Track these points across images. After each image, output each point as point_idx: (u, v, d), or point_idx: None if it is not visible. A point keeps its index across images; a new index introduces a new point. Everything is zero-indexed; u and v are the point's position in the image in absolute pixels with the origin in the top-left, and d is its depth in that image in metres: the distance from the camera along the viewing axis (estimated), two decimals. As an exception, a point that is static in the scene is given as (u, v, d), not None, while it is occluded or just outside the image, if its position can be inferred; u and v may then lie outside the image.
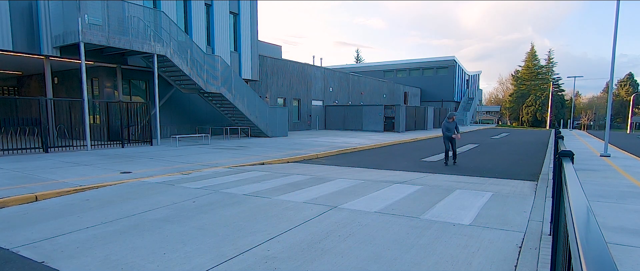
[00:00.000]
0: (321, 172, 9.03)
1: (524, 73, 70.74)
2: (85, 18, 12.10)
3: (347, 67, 58.18)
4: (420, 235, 4.23)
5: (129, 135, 14.15)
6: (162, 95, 16.52)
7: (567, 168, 2.13)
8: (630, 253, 3.69)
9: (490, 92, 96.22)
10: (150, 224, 4.65)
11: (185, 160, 10.35)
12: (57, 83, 16.99)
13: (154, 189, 6.62)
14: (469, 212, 5.19)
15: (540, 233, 4.26)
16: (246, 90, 18.12)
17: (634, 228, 4.48)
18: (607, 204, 5.69)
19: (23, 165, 8.92)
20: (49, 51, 12.86)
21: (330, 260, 3.54)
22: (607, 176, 8.56)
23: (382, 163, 11.06)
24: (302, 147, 14.91)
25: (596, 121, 77.04)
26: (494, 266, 3.39)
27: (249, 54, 21.39)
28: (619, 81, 74.56)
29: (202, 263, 3.44)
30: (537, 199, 6.06)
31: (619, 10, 12.45)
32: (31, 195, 5.88)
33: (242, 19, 20.65)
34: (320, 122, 30.32)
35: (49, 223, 4.68)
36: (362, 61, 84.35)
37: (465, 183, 7.62)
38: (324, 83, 30.61)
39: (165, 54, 14.13)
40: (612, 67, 12.95)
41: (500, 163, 11.60)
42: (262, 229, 4.44)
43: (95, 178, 7.43)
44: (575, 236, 0.91)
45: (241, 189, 6.65)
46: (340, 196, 6.20)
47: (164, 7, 16.02)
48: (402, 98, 46.07)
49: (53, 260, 3.54)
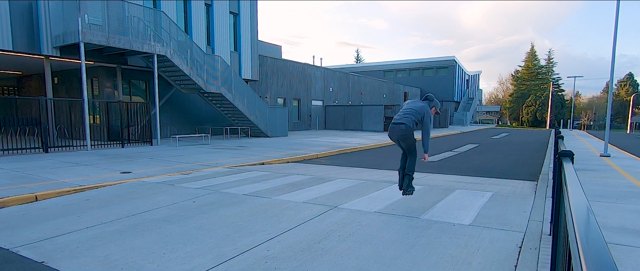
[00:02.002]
0: (321, 172, 9.03)
1: (524, 73, 70.76)
2: (85, 18, 12.10)
3: (347, 67, 58.17)
4: (420, 235, 4.23)
5: (129, 135, 14.15)
6: (162, 95, 16.52)
7: (567, 168, 2.13)
8: (630, 253, 3.69)
9: (490, 92, 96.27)
10: (150, 224, 4.65)
11: (185, 160, 10.34)
12: (57, 83, 16.99)
13: (154, 189, 6.62)
14: (469, 212, 5.19)
15: (540, 233, 4.26)
16: (246, 90, 18.12)
17: (634, 228, 4.48)
18: (607, 204, 5.69)
19: (23, 165, 8.92)
20: (49, 50, 12.86)
21: (330, 260, 3.54)
22: (607, 176, 8.55)
23: (382, 163, 11.06)
24: (302, 147, 14.91)
25: (596, 121, 77.02)
26: (494, 266, 3.39)
27: (249, 54, 21.39)
28: (619, 81, 74.58)
29: (202, 263, 3.44)
30: (537, 199, 6.06)
31: (619, 10, 12.45)
32: (31, 195, 5.88)
33: (242, 19, 20.65)
34: (320, 122, 30.31)
35: (49, 223, 4.68)
36: (362, 61, 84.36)
37: (465, 183, 7.62)
38: (324, 83, 30.61)
39: (165, 54, 14.13)
40: (612, 67, 12.95)
41: (500, 163, 11.60)
42: (262, 229, 4.44)
43: (95, 178, 7.43)
44: (575, 236, 0.91)
45: (241, 189, 6.65)
46: (340, 196, 6.20)
47: (164, 7, 16.02)
48: (402, 98, 46.08)
49: (53, 260, 3.54)
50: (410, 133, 5.07)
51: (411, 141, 5.12)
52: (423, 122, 5.12)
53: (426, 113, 5.06)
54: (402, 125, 5.05)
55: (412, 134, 5.11)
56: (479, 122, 65.85)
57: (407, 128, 5.03)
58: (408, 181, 5.23)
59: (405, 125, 5.03)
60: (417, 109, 5.11)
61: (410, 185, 5.24)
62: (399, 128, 5.08)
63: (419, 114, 5.08)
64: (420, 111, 5.09)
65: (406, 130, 5.03)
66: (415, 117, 5.09)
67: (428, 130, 5.13)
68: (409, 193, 5.23)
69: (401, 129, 5.06)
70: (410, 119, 5.07)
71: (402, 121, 5.07)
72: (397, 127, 5.10)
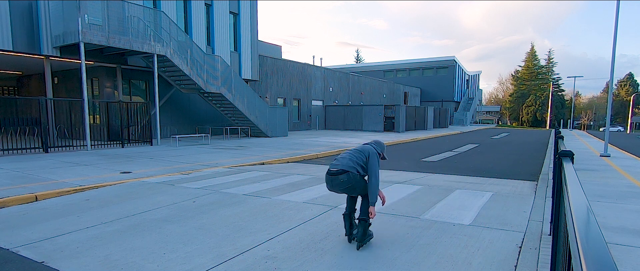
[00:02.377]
0: (321, 172, 9.03)
1: (524, 73, 70.78)
2: (85, 18, 12.10)
3: (347, 67, 58.18)
4: (420, 235, 4.23)
5: (129, 135, 14.15)
6: (162, 95, 16.52)
7: (567, 167, 2.13)
8: (630, 253, 3.69)
9: (490, 92, 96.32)
10: (150, 224, 4.65)
11: (185, 160, 10.34)
12: (57, 83, 16.99)
13: (154, 189, 6.62)
14: (469, 212, 5.19)
15: (540, 233, 4.26)
16: (246, 90, 18.12)
17: (634, 228, 4.48)
18: (607, 204, 5.69)
19: (23, 165, 8.92)
20: (49, 50, 12.86)
21: (330, 260, 3.54)
22: (607, 176, 8.55)
23: (382, 163, 11.03)
24: (302, 147, 14.91)
25: (596, 121, 77.03)
26: (494, 266, 3.39)
27: (249, 54, 21.39)
28: (619, 81, 74.61)
29: (202, 263, 3.44)
30: (537, 199, 6.06)
31: (619, 10, 12.45)
32: (31, 195, 5.88)
33: (242, 19, 20.65)
34: (320, 122, 30.32)
35: (49, 223, 4.68)
36: (362, 61, 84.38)
37: (465, 183, 7.62)
38: (324, 83, 30.61)
39: (165, 54, 14.13)
40: (612, 67, 12.95)
41: (500, 163, 11.60)
42: (262, 229, 4.44)
43: (95, 178, 7.43)
44: (575, 236, 0.91)
45: (241, 189, 6.65)
46: (340, 196, 6.19)
47: (164, 7, 16.02)
48: (402, 98, 46.08)
49: (53, 260, 3.54)
50: (357, 179, 3.78)
51: (361, 186, 3.84)
52: (369, 164, 3.84)
53: (371, 154, 3.89)
54: (343, 175, 3.72)
55: (360, 179, 3.82)
56: (479, 122, 65.84)
57: (350, 177, 3.73)
58: (363, 228, 3.80)
59: (348, 174, 3.72)
60: (361, 150, 3.99)
61: (366, 234, 3.83)
62: (339, 180, 3.75)
63: (363, 155, 3.90)
64: (365, 151, 3.94)
65: (350, 178, 3.73)
66: (359, 159, 3.85)
67: (376, 174, 3.81)
68: (364, 244, 3.84)
69: (342, 180, 3.74)
70: (353, 161, 3.83)
71: (342, 168, 3.76)
72: (336, 178, 3.76)
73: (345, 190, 3.83)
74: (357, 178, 3.78)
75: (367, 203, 3.81)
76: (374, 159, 3.87)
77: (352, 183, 3.76)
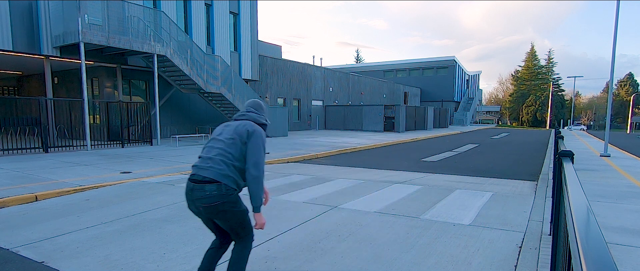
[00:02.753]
0: (321, 172, 9.03)
1: (524, 73, 70.80)
2: (85, 18, 12.10)
3: (347, 67, 58.19)
4: (420, 235, 4.23)
5: (129, 135, 14.15)
6: (162, 95, 16.51)
7: (567, 167, 2.13)
8: (630, 253, 3.69)
9: (490, 92, 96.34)
10: (150, 224, 4.65)
11: (185, 160, 10.34)
12: (57, 83, 16.99)
13: (154, 189, 6.62)
14: (469, 212, 5.19)
15: (540, 233, 4.26)
16: (246, 90, 18.12)
17: (634, 228, 4.48)
18: (607, 204, 5.69)
19: (23, 165, 8.92)
20: (49, 50, 12.86)
21: (330, 260, 3.54)
22: (607, 176, 8.55)
23: (382, 163, 11.05)
24: (302, 147, 14.91)
25: (596, 121, 77.05)
26: (494, 267, 3.39)
27: (249, 54, 21.39)
28: (619, 81, 74.59)
29: (202, 263, 3.43)
30: (537, 199, 6.06)
31: (619, 10, 12.45)
32: (31, 195, 5.88)
33: (242, 19, 20.65)
34: (320, 122, 30.31)
35: (49, 223, 4.68)
36: (362, 61, 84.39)
37: (465, 183, 7.62)
38: (324, 83, 30.61)
39: (165, 54, 14.13)
40: (612, 67, 12.95)
41: (500, 163, 11.60)
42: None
43: (95, 178, 7.43)
44: (575, 236, 0.91)
45: (241, 189, 6.64)
46: (340, 196, 6.20)
47: (164, 7, 16.02)
48: (402, 98, 46.07)
49: (53, 260, 3.54)
50: (229, 199, 2.37)
51: (235, 214, 2.44)
52: (248, 149, 2.42)
53: (254, 134, 2.46)
54: (208, 186, 2.32)
55: (235, 200, 2.41)
56: (479, 122, 65.85)
57: (220, 192, 2.33)
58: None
59: (218, 184, 2.33)
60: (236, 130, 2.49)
61: None
62: (202, 194, 2.32)
63: (241, 138, 2.44)
64: (241, 132, 2.47)
65: (218, 196, 2.33)
66: (234, 152, 2.41)
67: (258, 164, 2.41)
68: None
69: (206, 195, 2.32)
70: (225, 160, 2.39)
71: (206, 176, 2.34)
72: (197, 192, 2.34)
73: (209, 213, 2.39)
74: (228, 194, 2.34)
75: (243, 253, 2.58)
76: (257, 140, 2.44)
77: (217, 202, 2.32)
